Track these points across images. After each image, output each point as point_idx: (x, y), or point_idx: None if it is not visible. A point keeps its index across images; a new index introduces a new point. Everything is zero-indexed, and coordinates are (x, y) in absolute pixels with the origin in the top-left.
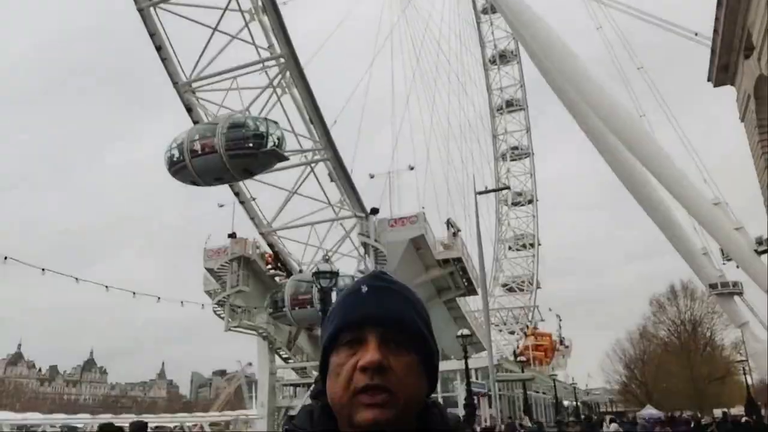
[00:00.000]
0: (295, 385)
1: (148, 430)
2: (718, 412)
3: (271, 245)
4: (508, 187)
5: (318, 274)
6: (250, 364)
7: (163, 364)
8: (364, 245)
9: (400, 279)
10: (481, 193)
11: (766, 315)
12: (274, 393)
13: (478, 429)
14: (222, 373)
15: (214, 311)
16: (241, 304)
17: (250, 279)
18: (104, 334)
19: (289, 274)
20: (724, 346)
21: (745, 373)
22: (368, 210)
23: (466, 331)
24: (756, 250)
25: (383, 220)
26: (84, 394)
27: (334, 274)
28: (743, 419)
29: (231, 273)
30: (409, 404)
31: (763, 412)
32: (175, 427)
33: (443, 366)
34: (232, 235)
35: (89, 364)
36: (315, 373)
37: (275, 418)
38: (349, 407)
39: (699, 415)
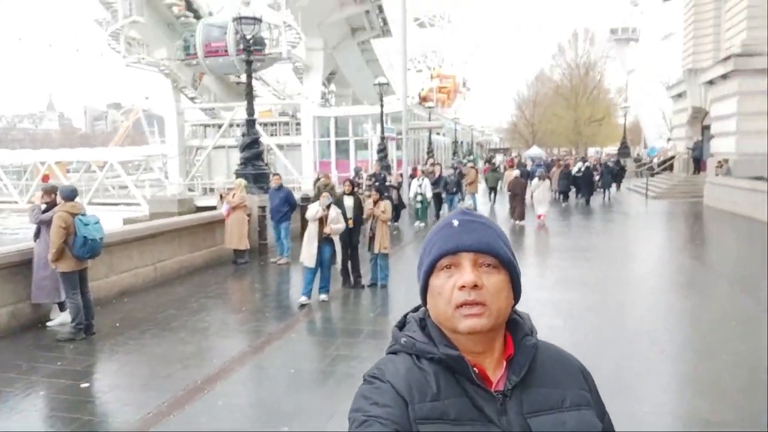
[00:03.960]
0: (205, 126)
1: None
2: (591, 151)
3: None
4: None
5: (240, 20)
6: (147, 98)
7: (50, 95)
8: None
9: (312, 14)
10: None
11: (652, 65)
12: (183, 133)
13: (392, 172)
14: (117, 106)
15: (109, 44)
16: (137, 37)
17: (145, 8)
18: None
19: (193, 11)
20: (610, 89)
21: (625, 115)
22: None
23: (383, 80)
24: None
25: None
26: None
27: (257, 21)
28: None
29: (122, 0)
30: (500, 314)
31: (633, 149)
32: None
33: (356, 111)
34: None
35: None
36: (224, 114)
37: (187, 156)
38: (452, 319)
39: (575, 153)
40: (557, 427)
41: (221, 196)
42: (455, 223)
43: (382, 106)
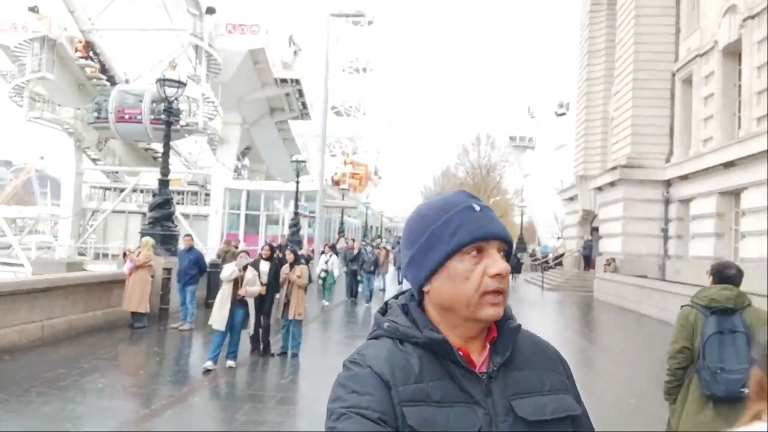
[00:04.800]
0: (105, 189)
1: None
2: None
3: (90, 45)
4: (363, 15)
5: (164, 82)
6: (42, 157)
7: None
8: (196, 49)
9: (232, 91)
10: (336, 15)
11: (546, 171)
12: (80, 194)
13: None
14: (7, 164)
15: (10, 98)
16: (43, 93)
17: (56, 66)
18: None
19: (108, 75)
20: (508, 191)
21: (522, 215)
22: (204, 8)
23: (300, 157)
24: (556, 113)
25: (221, 24)
26: None
27: (181, 84)
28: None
29: (32, 55)
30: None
31: (528, 245)
32: None
33: (269, 186)
34: (34, 9)
35: None
36: (128, 179)
37: (81, 219)
38: (474, 305)
39: None
40: (538, 410)
41: (125, 254)
42: (476, 207)
43: (297, 182)
